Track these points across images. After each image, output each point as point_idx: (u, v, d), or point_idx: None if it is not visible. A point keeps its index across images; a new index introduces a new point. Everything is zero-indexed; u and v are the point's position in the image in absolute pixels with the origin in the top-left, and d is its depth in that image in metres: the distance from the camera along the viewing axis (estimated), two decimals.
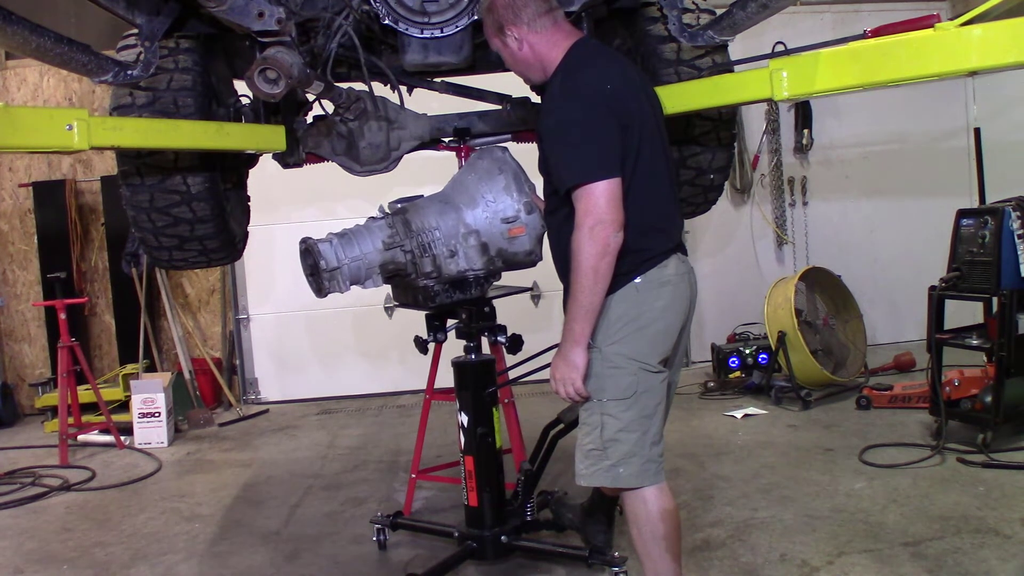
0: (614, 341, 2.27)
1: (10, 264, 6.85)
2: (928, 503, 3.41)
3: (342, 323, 6.59)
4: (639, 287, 2.28)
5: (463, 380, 3.07)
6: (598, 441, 2.29)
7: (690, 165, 3.31)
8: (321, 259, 2.70)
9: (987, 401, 4.00)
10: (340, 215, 6.57)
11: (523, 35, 2.40)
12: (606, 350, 2.28)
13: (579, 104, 2.26)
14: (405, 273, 2.90)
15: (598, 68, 2.34)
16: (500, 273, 3.09)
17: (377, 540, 3.38)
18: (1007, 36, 1.85)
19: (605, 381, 2.28)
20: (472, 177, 2.98)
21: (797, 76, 2.18)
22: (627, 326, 2.27)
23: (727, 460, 4.21)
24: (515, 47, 2.44)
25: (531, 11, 2.38)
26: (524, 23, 2.39)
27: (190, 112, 2.88)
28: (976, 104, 6.83)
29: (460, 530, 3.11)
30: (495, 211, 2.90)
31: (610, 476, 2.29)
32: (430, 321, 3.23)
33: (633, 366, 2.27)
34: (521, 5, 2.38)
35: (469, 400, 3.03)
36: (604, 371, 2.27)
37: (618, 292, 2.27)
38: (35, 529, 3.94)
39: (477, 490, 3.03)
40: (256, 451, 5.21)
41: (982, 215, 4.13)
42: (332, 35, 2.79)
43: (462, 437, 3.04)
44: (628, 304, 2.28)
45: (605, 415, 2.28)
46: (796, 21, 6.26)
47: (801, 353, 5.20)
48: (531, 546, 3.09)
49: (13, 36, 1.88)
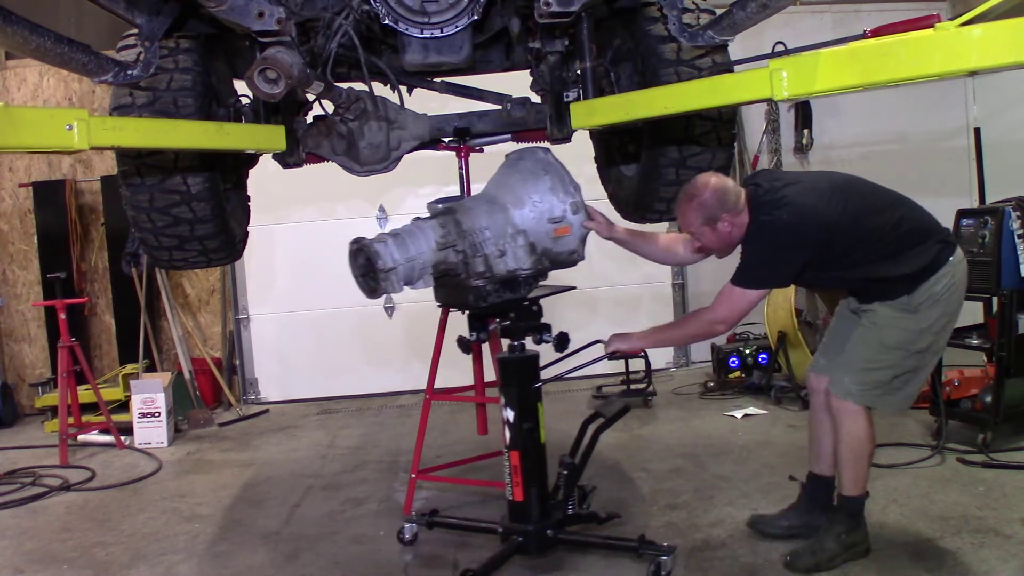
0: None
1: (10, 264, 6.85)
2: (928, 503, 3.41)
3: (342, 323, 6.59)
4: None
5: (509, 376, 3.09)
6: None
7: (690, 165, 3.30)
8: (378, 260, 2.69)
9: (987, 401, 4.00)
10: (340, 215, 6.59)
11: (732, 219, 2.77)
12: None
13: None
14: (455, 273, 2.91)
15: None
16: (547, 273, 3.14)
17: (401, 538, 3.37)
18: (1007, 36, 1.85)
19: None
20: (517, 178, 3.01)
21: (797, 76, 2.17)
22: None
23: (727, 460, 4.21)
24: (726, 230, 2.79)
25: (733, 196, 2.77)
26: (731, 208, 2.76)
27: (190, 112, 2.88)
28: (976, 104, 6.83)
29: (504, 525, 3.12)
30: (541, 211, 2.96)
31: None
32: (472, 321, 3.22)
33: None
34: (728, 193, 2.77)
35: (515, 396, 3.05)
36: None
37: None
38: (35, 529, 3.94)
39: (523, 485, 3.04)
40: (256, 451, 5.21)
41: (982, 215, 4.13)
42: (332, 35, 2.79)
43: (507, 432, 3.05)
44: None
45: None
46: (796, 21, 6.26)
47: (801, 353, 5.20)
48: (579, 539, 3.12)
49: (13, 36, 1.88)
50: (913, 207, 2.88)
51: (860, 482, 2.90)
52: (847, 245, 2.77)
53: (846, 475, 2.91)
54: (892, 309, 2.79)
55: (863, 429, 2.84)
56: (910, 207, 2.87)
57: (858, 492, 2.91)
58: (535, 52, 3.23)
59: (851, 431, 2.84)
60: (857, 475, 2.89)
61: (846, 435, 2.85)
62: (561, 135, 3.35)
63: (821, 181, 2.89)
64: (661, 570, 2.83)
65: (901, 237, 2.78)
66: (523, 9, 3.00)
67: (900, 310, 2.77)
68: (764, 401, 5.34)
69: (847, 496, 2.92)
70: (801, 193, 2.77)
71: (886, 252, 2.78)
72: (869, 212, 2.79)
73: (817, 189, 2.81)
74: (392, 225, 6.53)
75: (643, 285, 6.48)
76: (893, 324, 2.78)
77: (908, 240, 2.78)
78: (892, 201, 2.87)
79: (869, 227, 2.77)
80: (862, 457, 2.87)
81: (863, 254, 2.80)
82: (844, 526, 2.90)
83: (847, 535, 2.89)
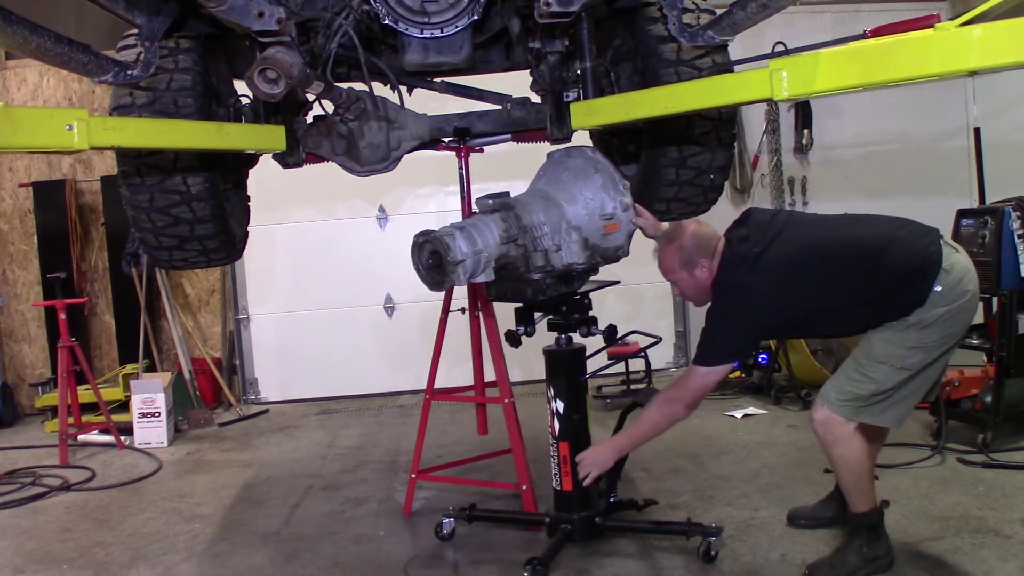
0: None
1: (10, 264, 6.85)
2: (928, 503, 3.41)
3: (342, 323, 6.59)
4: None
5: (558, 368, 3.15)
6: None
7: (690, 165, 3.31)
8: (450, 252, 2.71)
9: (987, 401, 4.00)
10: (340, 215, 6.60)
11: (709, 264, 2.84)
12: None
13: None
14: (514, 267, 2.94)
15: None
16: (598, 268, 3.19)
17: (439, 533, 3.37)
18: (1007, 36, 1.85)
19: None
20: (568, 175, 3.05)
21: (797, 76, 2.17)
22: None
23: (727, 460, 4.21)
24: (703, 276, 2.86)
25: (712, 243, 2.86)
26: (708, 255, 2.84)
27: (190, 112, 2.88)
28: (976, 104, 6.83)
29: (551, 515, 3.18)
30: (593, 208, 3.02)
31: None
32: (522, 314, 3.24)
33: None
34: (707, 238, 2.86)
35: (564, 388, 3.12)
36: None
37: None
38: (35, 529, 3.94)
39: (573, 475, 3.10)
40: (256, 451, 5.21)
41: (982, 215, 4.13)
42: (332, 35, 2.79)
43: (556, 424, 3.12)
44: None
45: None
46: (796, 21, 6.27)
47: (801, 353, 5.20)
48: (629, 525, 3.23)
49: (13, 36, 1.88)
50: (889, 252, 2.70)
51: (867, 498, 2.86)
52: (817, 312, 2.78)
53: (851, 496, 2.87)
54: (883, 327, 2.74)
55: (855, 450, 2.78)
56: (887, 253, 2.70)
57: (869, 507, 2.86)
58: (535, 52, 3.23)
59: (843, 455, 2.79)
60: (861, 493, 2.85)
61: (839, 459, 2.82)
62: (561, 135, 3.36)
63: (788, 251, 2.77)
64: (711, 549, 2.98)
65: (876, 293, 2.70)
66: (523, 9, 3.00)
67: (889, 328, 2.72)
68: (764, 401, 5.34)
69: (859, 513, 2.88)
70: (760, 276, 2.73)
71: (858, 314, 2.76)
72: (829, 282, 2.73)
73: (781, 264, 2.74)
74: (392, 225, 6.62)
75: (647, 284, 6.47)
76: (880, 337, 2.73)
77: (882, 294, 2.69)
78: (860, 254, 2.73)
79: (841, 294, 2.73)
80: (861, 476, 2.83)
81: (827, 321, 2.84)
82: (864, 539, 2.85)
83: (868, 548, 2.84)
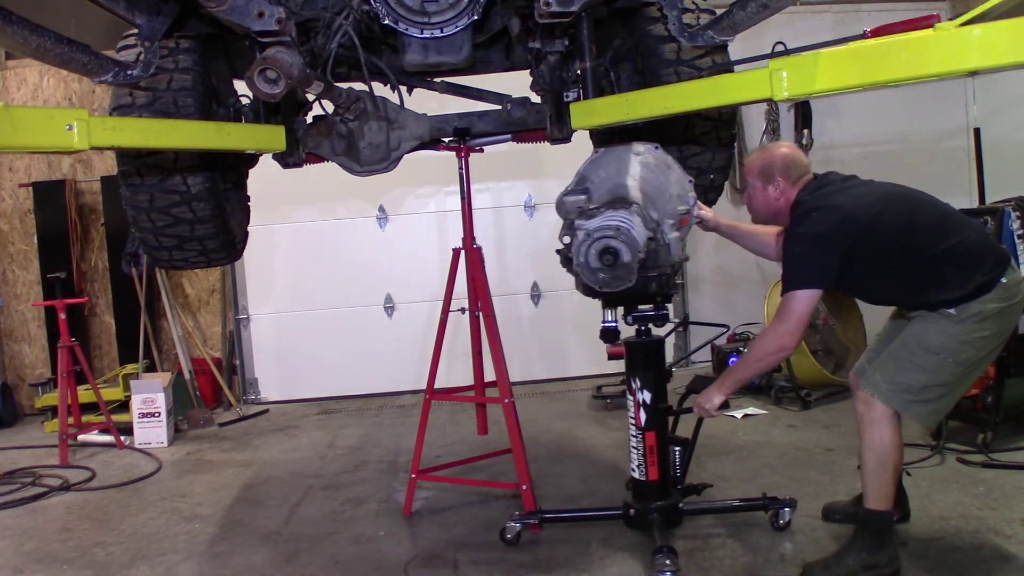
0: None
1: (10, 264, 6.85)
2: (928, 503, 3.41)
3: (342, 323, 6.59)
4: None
5: (646, 359, 3.16)
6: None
7: (690, 165, 3.31)
8: (626, 253, 2.79)
9: (987, 401, 4.01)
10: (340, 215, 6.60)
11: (784, 187, 2.89)
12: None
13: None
14: (648, 262, 2.96)
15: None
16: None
17: (505, 538, 3.30)
18: (1007, 36, 1.85)
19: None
20: (651, 174, 3.07)
21: (797, 76, 2.17)
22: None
23: (727, 460, 4.21)
24: (773, 195, 2.91)
25: (797, 171, 2.90)
26: (789, 178, 2.88)
27: (190, 112, 2.88)
28: (976, 104, 6.84)
29: (635, 506, 3.21)
30: (675, 204, 3.07)
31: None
32: (629, 306, 3.20)
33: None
34: (795, 165, 2.90)
35: (651, 378, 3.14)
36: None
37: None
38: (35, 529, 3.94)
39: (660, 463, 3.13)
40: (256, 451, 5.21)
41: (982, 215, 4.13)
42: (332, 35, 2.79)
43: (643, 414, 3.13)
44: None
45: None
46: (796, 21, 6.27)
47: (801, 353, 5.20)
48: (713, 507, 3.37)
49: (13, 36, 1.88)
50: (968, 230, 2.75)
51: (885, 494, 2.77)
52: (879, 256, 2.72)
53: (870, 484, 2.78)
54: (939, 316, 2.70)
55: (887, 436, 2.73)
56: (965, 230, 2.73)
57: (883, 506, 2.77)
58: (535, 52, 3.23)
59: (875, 437, 2.74)
60: (881, 485, 2.76)
61: (870, 441, 2.75)
62: (561, 135, 3.36)
63: (875, 190, 2.83)
64: (779, 519, 3.22)
65: (947, 259, 2.67)
66: (523, 9, 3.00)
67: (945, 318, 2.68)
68: (764, 401, 5.34)
69: (871, 509, 2.79)
70: (846, 199, 2.76)
71: (927, 270, 2.70)
72: (910, 228, 2.71)
73: (867, 195, 2.76)
74: (392, 225, 6.62)
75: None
76: (937, 328, 2.69)
77: (954, 263, 2.67)
78: (943, 221, 2.75)
79: (904, 244, 2.70)
80: (886, 466, 2.74)
81: (899, 269, 2.73)
82: (867, 542, 2.77)
83: (868, 555, 2.74)
